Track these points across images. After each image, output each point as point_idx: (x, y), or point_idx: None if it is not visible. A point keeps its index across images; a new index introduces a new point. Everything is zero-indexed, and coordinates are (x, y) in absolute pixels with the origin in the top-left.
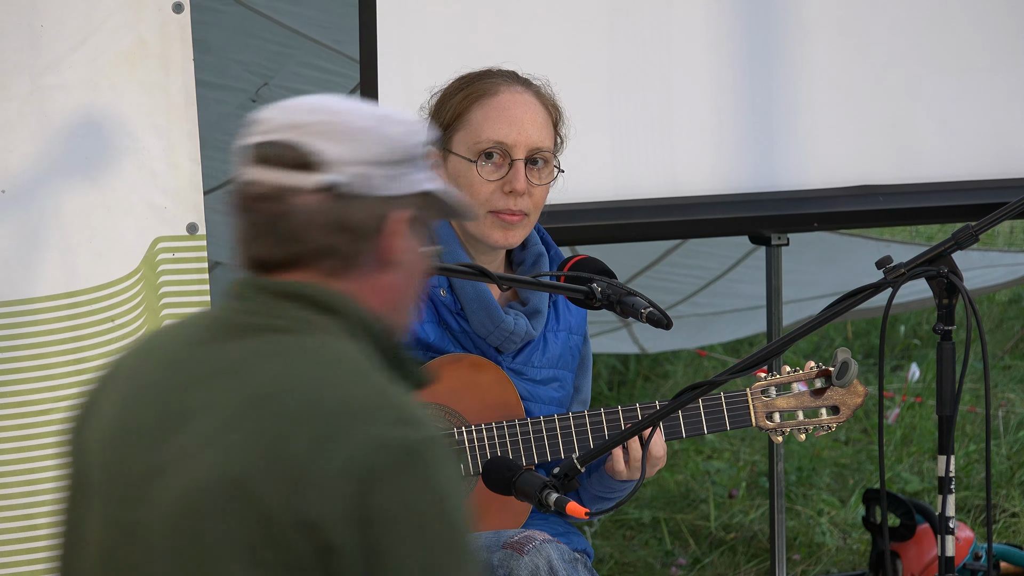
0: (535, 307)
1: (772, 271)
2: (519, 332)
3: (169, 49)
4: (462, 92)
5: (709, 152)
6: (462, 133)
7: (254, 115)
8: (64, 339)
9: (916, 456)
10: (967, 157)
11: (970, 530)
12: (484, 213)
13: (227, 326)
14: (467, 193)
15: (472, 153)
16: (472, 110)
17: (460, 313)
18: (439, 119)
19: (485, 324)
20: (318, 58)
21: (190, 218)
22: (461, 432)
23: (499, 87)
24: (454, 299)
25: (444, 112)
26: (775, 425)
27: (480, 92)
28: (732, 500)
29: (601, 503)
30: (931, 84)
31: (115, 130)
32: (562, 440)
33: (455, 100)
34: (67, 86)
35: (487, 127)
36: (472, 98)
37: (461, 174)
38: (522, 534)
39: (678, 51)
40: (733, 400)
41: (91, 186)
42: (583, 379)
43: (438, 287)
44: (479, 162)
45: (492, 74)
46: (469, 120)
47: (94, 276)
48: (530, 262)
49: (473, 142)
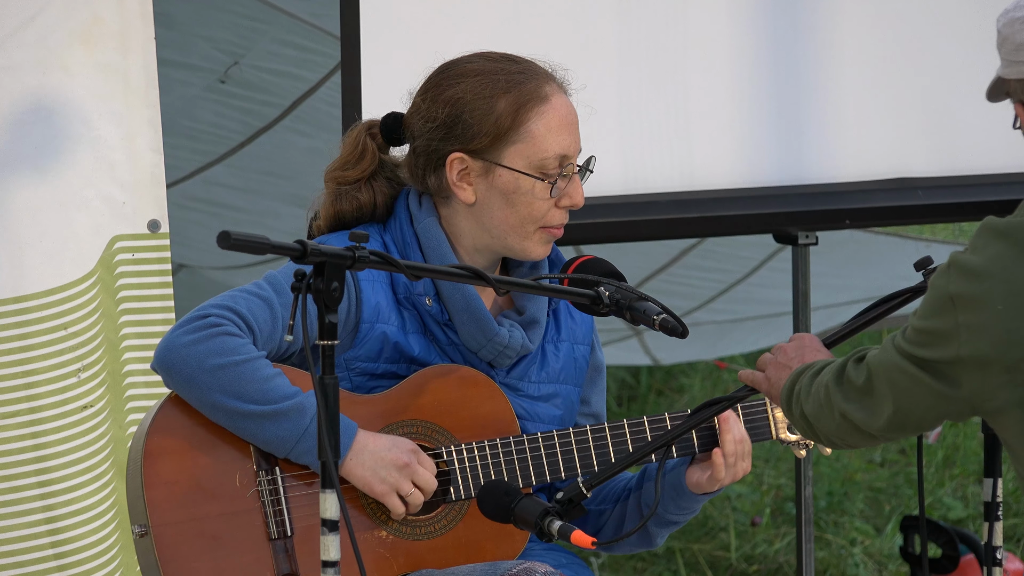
0: (532, 317)
1: (799, 273)
2: (513, 346)
3: (128, 26)
4: (508, 97)
5: (729, 142)
6: (520, 146)
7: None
8: (11, 349)
9: (960, 479)
10: (1014, 147)
11: (1021, 561)
12: (534, 229)
13: None
14: (522, 210)
15: (534, 168)
16: (531, 120)
17: (448, 324)
18: (474, 127)
19: (476, 336)
20: (294, 34)
21: (151, 215)
22: (450, 452)
23: (545, 88)
24: (441, 308)
25: (484, 121)
26: (797, 438)
27: (531, 97)
28: (755, 528)
29: (669, 528)
30: (974, 66)
31: (68, 116)
32: (563, 459)
33: (501, 107)
34: (14, 67)
35: (552, 140)
36: (526, 107)
37: (517, 190)
38: (521, 566)
39: (695, 29)
40: (751, 412)
41: (41, 179)
42: (593, 391)
43: (423, 295)
44: (543, 179)
45: (524, 71)
46: (529, 132)
47: (44, 279)
48: (528, 266)
49: (539, 158)
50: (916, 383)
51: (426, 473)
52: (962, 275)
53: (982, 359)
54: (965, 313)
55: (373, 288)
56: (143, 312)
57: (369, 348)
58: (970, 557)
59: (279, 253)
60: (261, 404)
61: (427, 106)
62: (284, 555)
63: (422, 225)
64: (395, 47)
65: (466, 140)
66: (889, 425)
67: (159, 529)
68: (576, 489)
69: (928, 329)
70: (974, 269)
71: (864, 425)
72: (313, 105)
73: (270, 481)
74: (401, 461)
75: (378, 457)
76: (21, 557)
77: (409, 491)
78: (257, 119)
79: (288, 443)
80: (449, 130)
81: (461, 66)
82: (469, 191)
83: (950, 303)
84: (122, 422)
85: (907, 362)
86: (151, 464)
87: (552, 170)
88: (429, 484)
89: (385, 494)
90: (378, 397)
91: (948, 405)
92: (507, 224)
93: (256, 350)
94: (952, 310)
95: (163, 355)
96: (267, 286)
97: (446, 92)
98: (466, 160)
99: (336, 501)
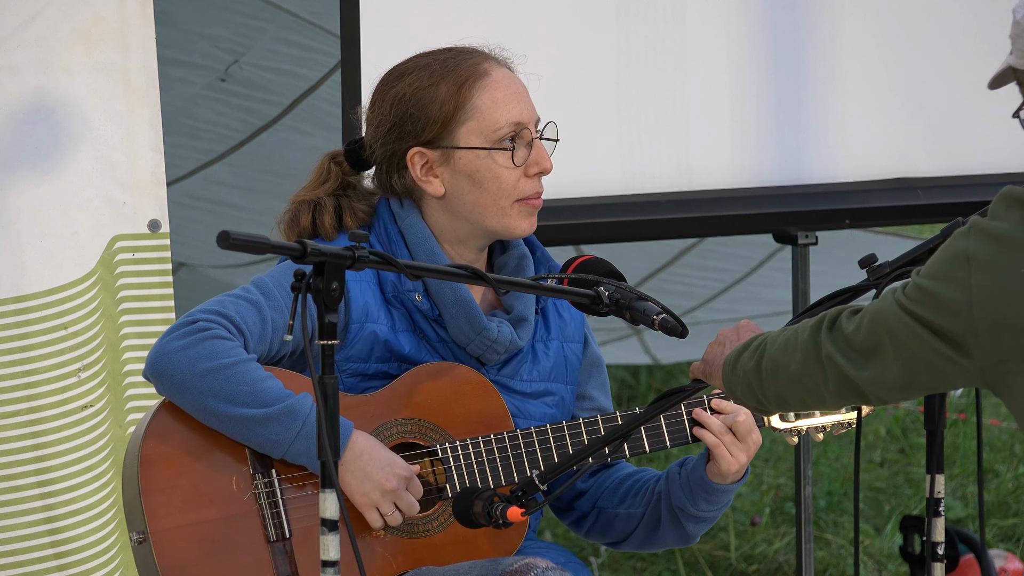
0: (520, 314)
1: (799, 273)
2: (502, 341)
3: (129, 25)
4: (447, 82)
5: (729, 141)
6: (470, 124)
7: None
8: (11, 349)
9: (960, 479)
10: (1014, 147)
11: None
12: (510, 204)
13: None
14: (491, 186)
15: (490, 141)
16: (474, 96)
17: (438, 320)
18: (422, 118)
19: (465, 331)
20: (294, 33)
21: (152, 214)
22: (445, 449)
23: (482, 66)
24: (431, 304)
25: (429, 109)
26: (789, 425)
27: (469, 75)
28: (755, 528)
29: (704, 525)
30: (974, 66)
31: (68, 116)
32: (557, 454)
33: (442, 92)
34: (15, 67)
35: (501, 110)
36: (468, 84)
37: (480, 168)
38: (522, 561)
39: (693, 28)
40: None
41: (41, 179)
42: (592, 385)
43: (412, 291)
44: (502, 149)
45: (457, 55)
46: (476, 107)
47: (44, 279)
48: (512, 265)
49: (491, 129)
50: (915, 337)
51: (410, 499)
52: (983, 237)
53: (998, 322)
54: (980, 274)
55: (361, 288)
56: (143, 312)
57: (360, 348)
58: (970, 557)
59: (279, 253)
60: (253, 407)
61: (375, 113)
62: (283, 557)
63: (406, 222)
64: (395, 47)
65: (418, 133)
66: (882, 380)
67: (158, 535)
68: (529, 480)
69: (934, 290)
70: (996, 233)
71: (858, 378)
72: (313, 104)
73: (267, 484)
74: (388, 486)
75: (367, 473)
76: (21, 557)
77: (389, 512)
78: (257, 118)
79: (282, 445)
80: (400, 128)
81: (399, 68)
82: (436, 183)
83: (965, 263)
84: (122, 422)
85: (907, 316)
86: (147, 471)
87: (508, 138)
88: (411, 508)
89: (364, 507)
90: (371, 397)
91: (951, 368)
92: (481, 205)
93: (246, 353)
94: (967, 271)
95: (154, 362)
96: (255, 290)
97: (388, 93)
98: (425, 153)
99: (336, 501)
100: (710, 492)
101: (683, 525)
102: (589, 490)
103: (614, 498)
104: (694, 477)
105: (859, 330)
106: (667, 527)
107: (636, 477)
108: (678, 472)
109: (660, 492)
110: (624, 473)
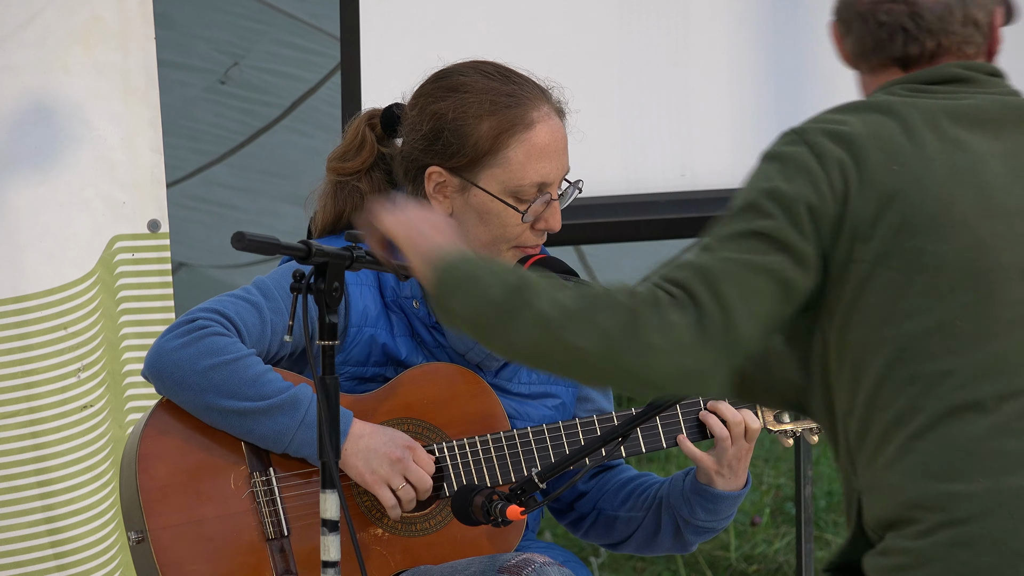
0: None
1: None
2: None
3: (128, 26)
4: (492, 120)
5: (729, 141)
6: (496, 170)
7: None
8: (11, 349)
9: None
10: None
11: None
12: (507, 247)
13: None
14: (495, 229)
15: (508, 194)
16: (510, 147)
17: (436, 326)
18: (455, 145)
19: (464, 339)
20: (294, 35)
21: (151, 214)
22: (442, 448)
23: (532, 114)
24: (428, 311)
25: (465, 141)
26: (786, 426)
27: (514, 123)
28: (755, 528)
29: (704, 535)
30: None
31: (68, 116)
32: (554, 454)
33: (483, 130)
34: (14, 67)
35: (530, 169)
36: (508, 133)
37: (491, 211)
38: (520, 557)
39: (696, 26)
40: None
41: (42, 179)
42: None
43: (410, 298)
44: (516, 205)
45: (512, 93)
46: (507, 159)
47: (44, 279)
48: None
49: (514, 184)
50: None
51: (419, 470)
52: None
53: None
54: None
55: (361, 292)
56: (143, 312)
57: (358, 352)
58: None
59: (288, 254)
60: (255, 400)
61: (415, 114)
62: (281, 555)
63: None
64: (395, 47)
65: (446, 157)
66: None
67: (156, 534)
68: (529, 479)
69: (772, 190)
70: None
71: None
72: (313, 105)
73: (264, 482)
74: (394, 456)
75: (372, 449)
76: (21, 557)
77: (400, 485)
78: (257, 119)
79: (285, 437)
80: (430, 144)
81: (453, 78)
82: (446, 204)
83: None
84: (122, 422)
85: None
86: (145, 470)
87: (528, 197)
88: (422, 481)
89: (375, 484)
90: (367, 397)
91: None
92: (479, 241)
93: (245, 348)
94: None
95: (153, 361)
96: (255, 291)
97: (432, 105)
98: (444, 175)
99: (336, 501)
100: (708, 499)
101: (683, 533)
102: (590, 491)
103: (615, 501)
104: (693, 485)
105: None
106: (666, 533)
107: (639, 481)
108: (682, 480)
109: (662, 498)
110: (626, 476)
